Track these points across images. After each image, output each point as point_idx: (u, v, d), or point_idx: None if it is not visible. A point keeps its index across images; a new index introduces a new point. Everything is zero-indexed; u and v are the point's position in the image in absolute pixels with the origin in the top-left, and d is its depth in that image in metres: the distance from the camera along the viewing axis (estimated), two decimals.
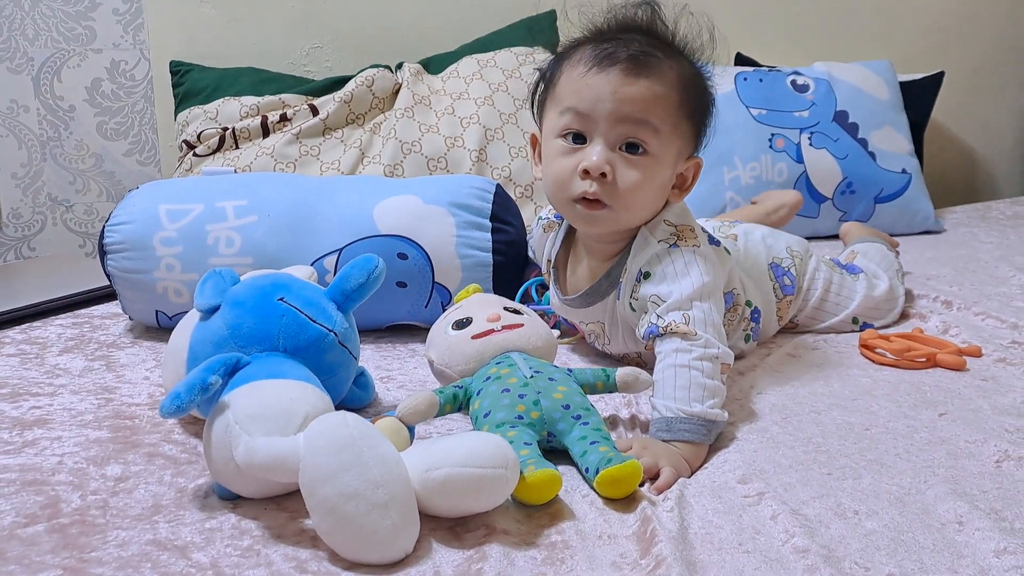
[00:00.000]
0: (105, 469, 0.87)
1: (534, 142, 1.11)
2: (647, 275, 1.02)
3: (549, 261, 1.17)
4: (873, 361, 1.16)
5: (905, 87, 2.06)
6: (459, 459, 0.73)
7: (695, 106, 1.03)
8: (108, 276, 1.29)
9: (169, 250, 1.25)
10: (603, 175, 0.99)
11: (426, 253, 1.24)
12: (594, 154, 0.99)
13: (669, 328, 0.96)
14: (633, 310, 1.05)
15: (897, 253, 1.51)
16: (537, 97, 1.09)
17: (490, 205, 1.29)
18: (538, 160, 1.09)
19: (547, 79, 1.06)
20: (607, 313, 1.11)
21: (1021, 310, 1.35)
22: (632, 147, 1.00)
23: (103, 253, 1.27)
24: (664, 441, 0.89)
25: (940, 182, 2.29)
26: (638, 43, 1.00)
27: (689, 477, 0.86)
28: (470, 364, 0.96)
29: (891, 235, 1.85)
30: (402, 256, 1.24)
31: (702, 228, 1.11)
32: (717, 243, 1.12)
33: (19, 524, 0.76)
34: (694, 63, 1.05)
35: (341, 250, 1.24)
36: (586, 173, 0.99)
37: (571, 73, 1.01)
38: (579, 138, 1.01)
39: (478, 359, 0.96)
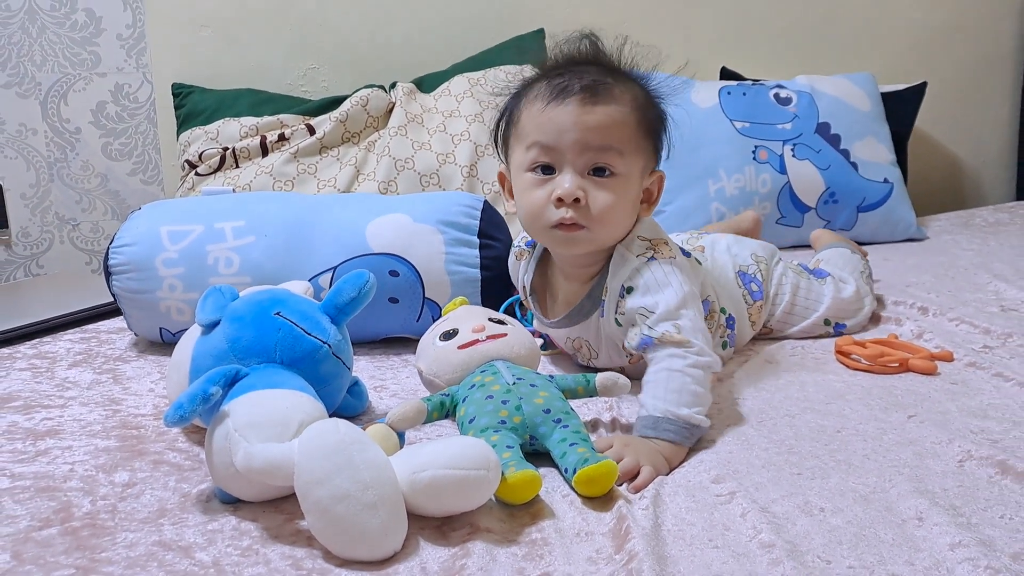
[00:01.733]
0: (113, 476, 0.91)
1: (502, 179, 1.15)
2: (630, 290, 1.06)
3: (525, 287, 1.22)
4: (848, 367, 1.19)
5: (888, 97, 2.10)
6: (444, 462, 0.78)
7: (651, 123, 1.08)
8: (113, 295, 1.34)
9: (171, 271, 1.29)
10: (577, 200, 1.03)
11: (416, 270, 1.29)
12: (566, 182, 1.04)
13: (664, 339, 1.01)
14: (619, 325, 1.09)
15: (864, 255, 1.55)
16: (500, 135, 1.13)
17: (478, 222, 1.34)
18: (508, 195, 1.14)
19: (508, 117, 1.11)
20: (591, 330, 1.15)
21: (994, 315, 1.38)
22: (599, 171, 1.05)
23: (108, 274, 1.32)
24: (647, 438, 0.94)
25: (926, 190, 2.33)
26: (589, 73, 1.06)
27: (667, 475, 0.91)
28: (456, 373, 1.01)
29: (874, 243, 1.91)
30: (393, 273, 1.28)
31: (673, 241, 1.15)
32: (688, 255, 1.16)
33: (34, 527, 0.81)
34: (643, 84, 1.10)
35: (335, 268, 1.29)
36: (560, 201, 1.04)
37: (531, 109, 1.06)
38: (548, 169, 1.05)
39: (464, 368, 1.01)
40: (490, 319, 1.06)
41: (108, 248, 1.33)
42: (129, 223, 1.36)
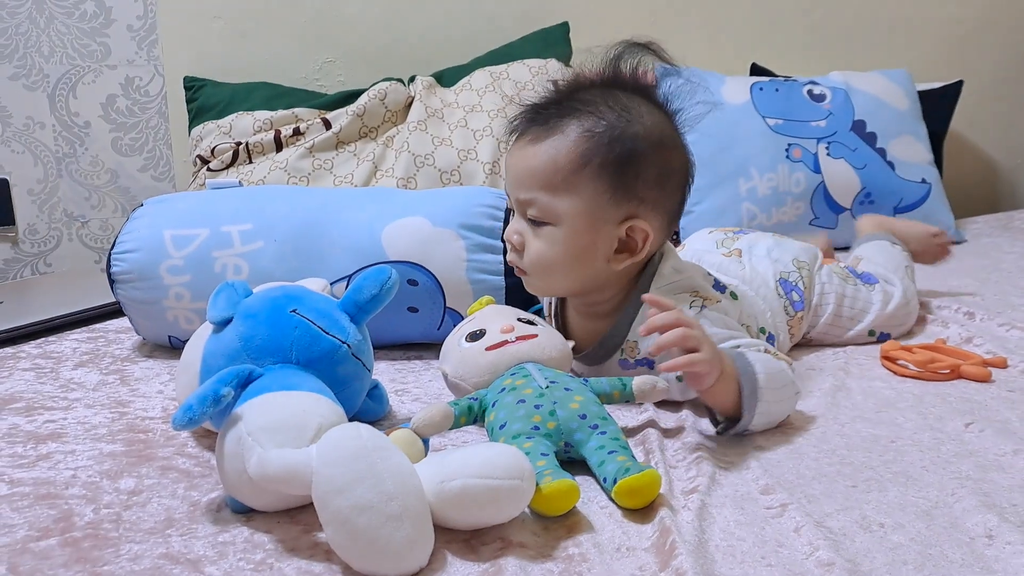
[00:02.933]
0: (119, 483, 0.86)
1: None
2: None
3: (552, 305, 1.16)
4: (895, 373, 1.14)
5: (923, 96, 2.04)
6: (474, 470, 0.72)
7: (611, 162, 0.96)
8: (119, 302, 1.28)
9: (177, 279, 1.23)
10: (520, 245, 1.02)
11: (436, 279, 1.22)
12: (510, 224, 1.03)
13: (769, 351, 0.97)
14: (681, 379, 0.99)
15: (943, 245, 1.47)
16: None
17: (501, 224, 1.26)
18: None
19: None
20: (602, 373, 1.08)
21: None
22: (533, 219, 1.00)
23: (111, 281, 1.26)
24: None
25: (960, 192, 2.27)
26: (547, 108, 1.00)
27: (701, 385, 0.88)
28: (484, 376, 0.95)
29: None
30: (412, 282, 1.22)
31: (706, 273, 1.09)
32: (723, 289, 1.09)
33: (32, 538, 0.75)
34: (624, 114, 0.98)
35: (350, 277, 1.22)
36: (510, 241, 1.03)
37: None
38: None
39: (492, 371, 0.95)
40: (519, 319, 1.00)
41: (110, 253, 1.27)
42: (130, 225, 1.29)
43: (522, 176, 1.00)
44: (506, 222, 1.27)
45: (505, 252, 1.24)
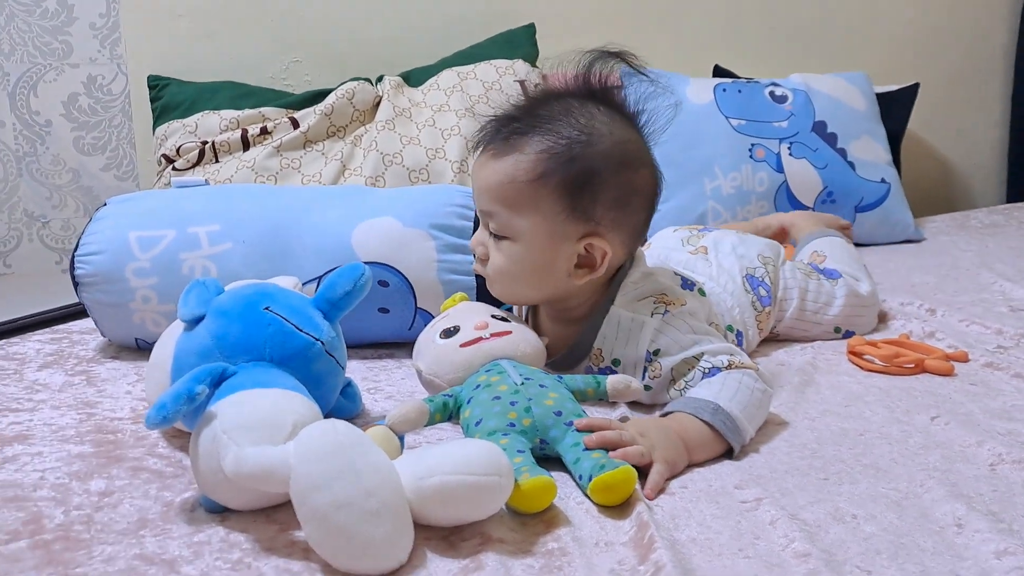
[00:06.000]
0: (88, 484, 0.84)
1: None
2: (657, 352, 0.99)
3: (523, 310, 1.16)
4: (861, 368, 1.15)
5: (881, 99, 2.07)
6: (453, 466, 0.72)
7: (569, 182, 0.96)
8: (83, 305, 1.26)
9: (143, 281, 1.21)
10: (484, 256, 1.03)
11: (407, 280, 1.22)
12: (476, 234, 1.04)
13: (732, 365, 0.95)
14: (649, 388, 1.01)
15: (849, 235, 1.51)
16: None
17: (471, 223, 1.26)
18: None
19: None
20: None
21: (1005, 315, 1.35)
22: (494, 233, 1.01)
23: (75, 283, 1.24)
24: (676, 415, 0.89)
25: (917, 192, 2.30)
26: (513, 119, 0.99)
27: (680, 473, 0.85)
28: (459, 373, 0.95)
29: (872, 244, 1.88)
30: (383, 284, 1.21)
31: (673, 272, 1.09)
32: (691, 287, 1.09)
33: (0, 541, 0.74)
34: (585, 133, 0.97)
35: (320, 279, 1.21)
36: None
37: None
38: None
39: (467, 367, 0.95)
40: (492, 316, 1.01)
41: (73, 256, 1.24)
42: (93, 226, 1.26)
43: (483, 190, 1.00)
44: (476, 222, 1.27)
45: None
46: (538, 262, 0.99)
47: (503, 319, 1.01)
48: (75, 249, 1.25)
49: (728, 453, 0.90)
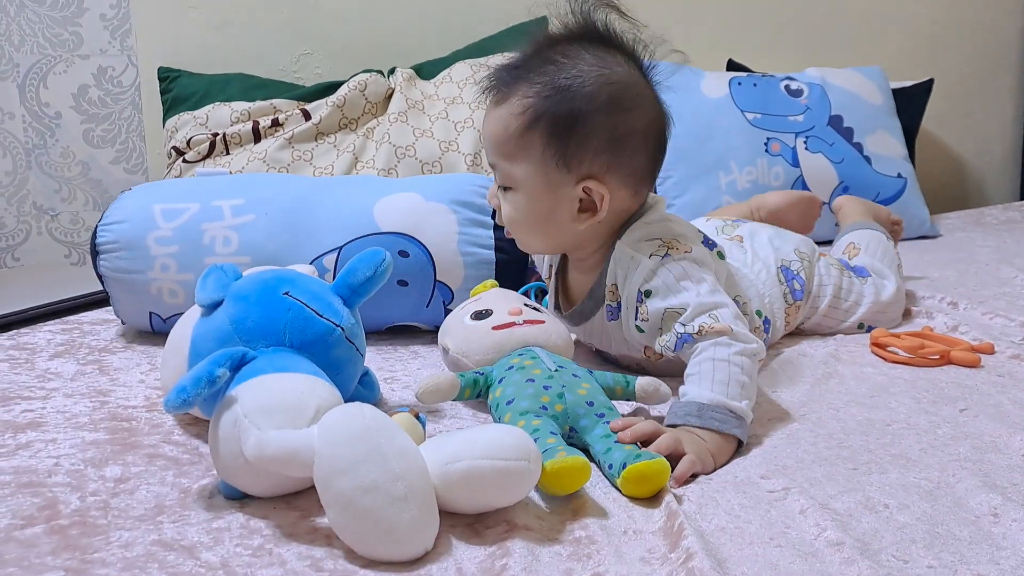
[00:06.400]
0: (104, 470, 0.83)
1: None
2: (648, 293, 0.98)
3: (551, 266, 1.15)
4: (885, 359, 1.14)
5: (895, 94, 2.06)
6: (480, 451, 0.70)
7: (557, 128, 0.95)
8: (100, 278, 1.25)
9: (164, 249, 1.21)
10: (498, 207, 1.04)
11: (428, 251, 1.21)
12: (491, 187, 1.06)
13: (703, 331, 0.92)
14: (642, 331, 1.00)
15: (899, 232, 1.48)
16: None
17: None
18: None
19: None
20: (596, 331, 1.08)
21: None
22: (500, 184, 1.01)
23: (95, 253, 1.24)
24: (690, 429, 0.86)
25: (931, 189, 2.29)
26: (513, 64, 0.99)
27: (711, 472, 0.83)
28: (488, 355, 0.94)
29: None
30: (403, 254, 1.21)
31: (698, 230, 1.07)
32: (713, 246, 1.07)
33: (16, 526, 0.72)
34: (576, 77, 0.95)
35: (341, 248, 1.20)
36: None
37: None
38: None
39: (497, 350, 0.94)
40: (526, 304, 1.00)
41: (96, 226, 1.24)
42: (120, 201, 1.28)
43: (486, 141, 1.03)
44: None
45: (495, 228, 1.24)
46: (540, 210, 0.99)
47: (536, 309, 1.00)
48: (99, 220, 1.26)
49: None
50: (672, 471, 0.79)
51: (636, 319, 1.00)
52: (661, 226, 1.02)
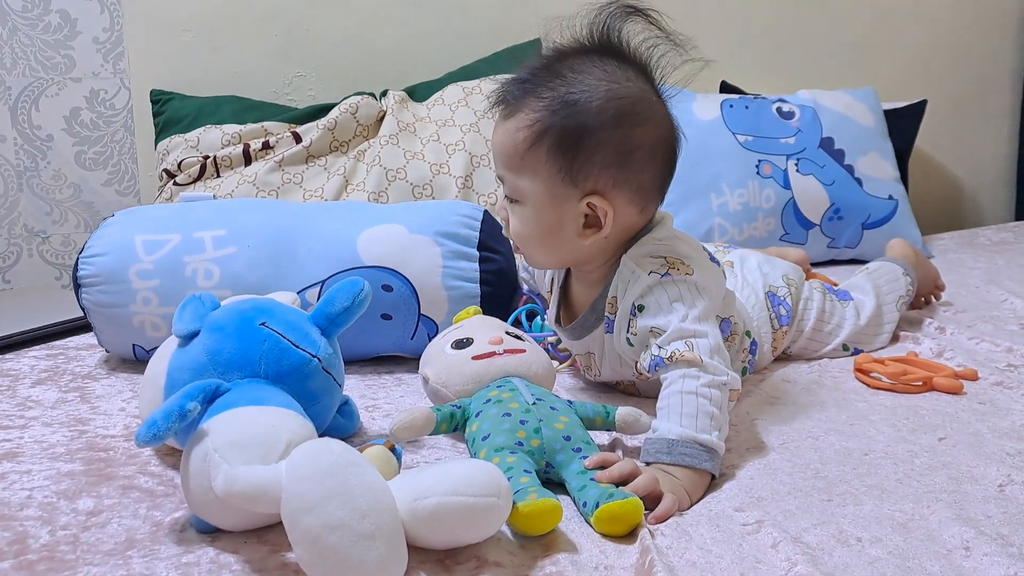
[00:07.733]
0: (76, 503, 0.83)
1: None
2: (641, 308, 0.98)
3: (554, 280, 1.15)
4: (868, 385, 1.14)
5: (888, 115, 2.06)
6: (450, 487, 0.70)
7: (563, 142, 0.95)
8: (83, 309, 1.25)
9: (146, 283, 1.21)
10: (506, 220, 1.03)
11: (412, 285, 1.21)
12: (499, 199, 1.04)
13: (673, 357, 0.92)
14: (631, 345, 1.00)
15: (934, 297, 1.48)
16: None
17: (477, 233, 1.26)
18: None
19: None
20: (595, 345, 1.08)
21: (1015, 333, 1.33)
22: (508, 196, 1.01)
23: (77, 286, 1.24)
24: (663, 467, 0.85)
25: (925, 209, 2.29)
26: (523, 76, 0.98)
27: (687, 509, 0.83)
28: (468, 385, 0.94)
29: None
30: (387, 288, 1.20)
31: (703, 247, 1.07)
32: (718, 263, 1.07)
33: None
34: (583, 92, 0.94)
35: (324, 282, 1.20)
36: None
37: None
38: None
39: (477, 381, 0.93)
40: (507, 332, 0.99)
41: (77, 259, 1.24)
42: (101, 231, 1.27)
43: (494, 154, 1.02)
44: (482, 233, 1.27)
45: (480, 260, 1.24)
46: (546, 224, 0.99)
47: (517, 337, 0.99)
48: (80, 252, 1.25)
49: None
50: (652, 510, 0.79)
51: (627, 331, 1.00)
52: (668, 244, 1.01)
